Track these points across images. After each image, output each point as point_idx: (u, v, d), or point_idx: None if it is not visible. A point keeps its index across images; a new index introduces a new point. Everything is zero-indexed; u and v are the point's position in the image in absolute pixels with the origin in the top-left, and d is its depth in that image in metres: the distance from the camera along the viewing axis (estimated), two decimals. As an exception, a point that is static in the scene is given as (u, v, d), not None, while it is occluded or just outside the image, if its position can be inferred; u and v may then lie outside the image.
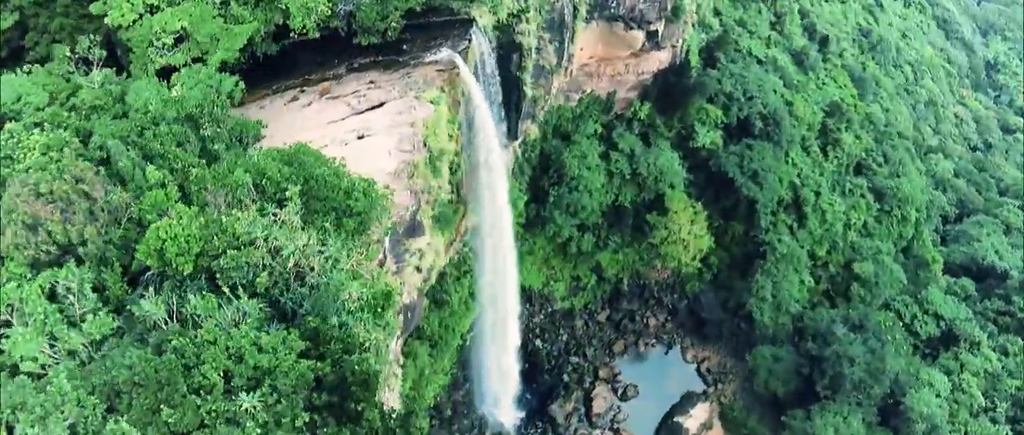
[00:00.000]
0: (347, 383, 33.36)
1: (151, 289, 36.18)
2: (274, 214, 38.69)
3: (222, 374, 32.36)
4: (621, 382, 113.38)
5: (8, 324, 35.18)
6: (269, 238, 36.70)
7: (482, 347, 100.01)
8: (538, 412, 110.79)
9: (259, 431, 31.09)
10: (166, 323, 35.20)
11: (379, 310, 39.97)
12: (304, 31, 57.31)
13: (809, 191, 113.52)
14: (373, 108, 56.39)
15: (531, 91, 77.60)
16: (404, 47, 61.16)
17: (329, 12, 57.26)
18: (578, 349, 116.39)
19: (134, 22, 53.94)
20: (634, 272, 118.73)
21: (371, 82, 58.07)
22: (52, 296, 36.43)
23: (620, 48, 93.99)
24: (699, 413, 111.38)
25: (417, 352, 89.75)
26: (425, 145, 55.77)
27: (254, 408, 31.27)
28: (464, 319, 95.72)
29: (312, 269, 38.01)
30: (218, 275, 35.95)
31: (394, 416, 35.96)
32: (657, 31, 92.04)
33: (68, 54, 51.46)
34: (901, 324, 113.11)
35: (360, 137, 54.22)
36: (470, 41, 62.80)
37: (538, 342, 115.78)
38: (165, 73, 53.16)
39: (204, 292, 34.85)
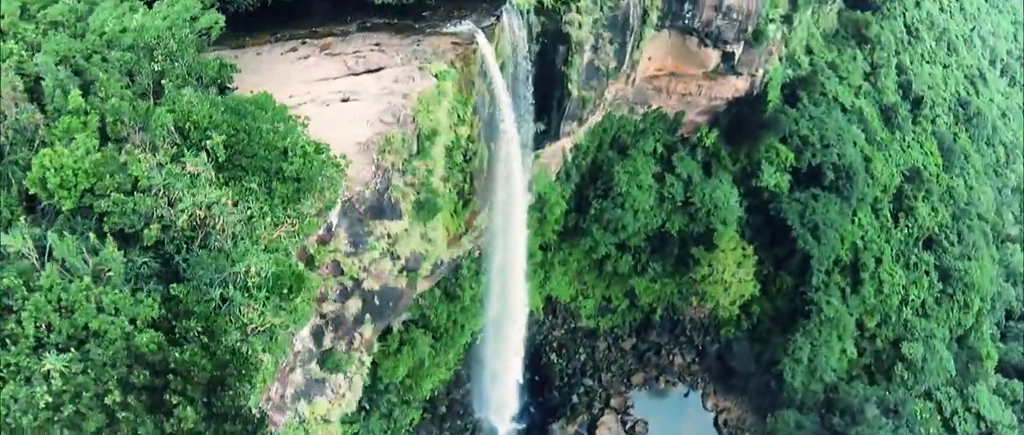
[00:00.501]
0: (169, 368, 28.28)
1: (23, 220, 31.73)
2: (186, 163, 33.88)
3: (44, 327, 27.82)
4: (632, 416, 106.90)
5: None
6: (170, 187, 31.93)
7: (486, 351, 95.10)
8: (538, 428, 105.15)
9: (49, 399, 26.60)
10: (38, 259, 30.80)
11: (285, 292, 34.95)
12: (321, -22, 53.01)
13: (870, 256, 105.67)
14: (369, 71, 51.59)
15: (578, 90, 71.52)
16: (425, 14, 56.01)
17: (346, -39, 52.89)
18: (594, 372, 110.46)
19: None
20: (669, 304, 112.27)
21: (377, 44, 53.08)
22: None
23: (692, 65, 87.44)
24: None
25: (417, 340, 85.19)
26: (413, 120, 50.62)
27: (58, 372, 26.69)
28: (477, 318, 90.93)
29: (222, 232, 33.15)
30: (105, 218, 31.45)
31: (239, 412, 30.51)
32: (734, 54, 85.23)
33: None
34: (939, 418, 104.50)
35: (344, 100, 49.45)
36: (499, 18, 57.38)
37: (553, 356, 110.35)
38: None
39: (64, 232, 30.26)
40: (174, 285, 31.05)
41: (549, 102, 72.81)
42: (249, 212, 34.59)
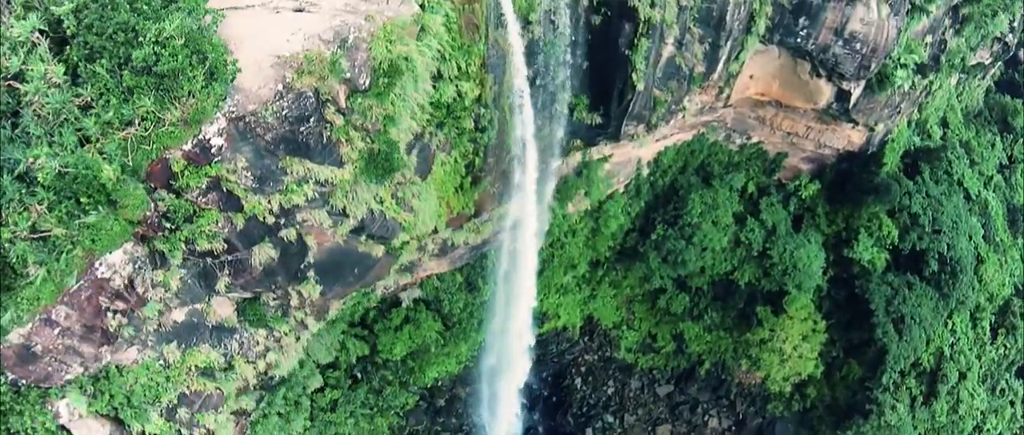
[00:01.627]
0: None
1: None
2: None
3: None
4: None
5: None
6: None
7: (486, 365, 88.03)
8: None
9: None
10: None
11: (83, 202, 26.79)
12: None
13: (954, 368, 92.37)
14: (345, -12, 43.37)
15: (644, 84, 60.41)
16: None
17: None
18: (619, 410, 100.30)
19: None
20: (720, 361, 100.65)
21: (368, -44, 44.51)
22: None
23: (800, 97, 75.47)
24: None
25: (422, 323, 77.55)
26: (368, 48, 41.13)
27: None
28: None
29: (38, 113, 25.53)
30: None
31: None
32: (850, 94, 72.82)
33: None
34: None
35: (298, 9, 41.37)
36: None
37: (579, 381, 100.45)
38: None
39: None
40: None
41: (608, 91, 62.45)
42: (85, 99, 27.61)
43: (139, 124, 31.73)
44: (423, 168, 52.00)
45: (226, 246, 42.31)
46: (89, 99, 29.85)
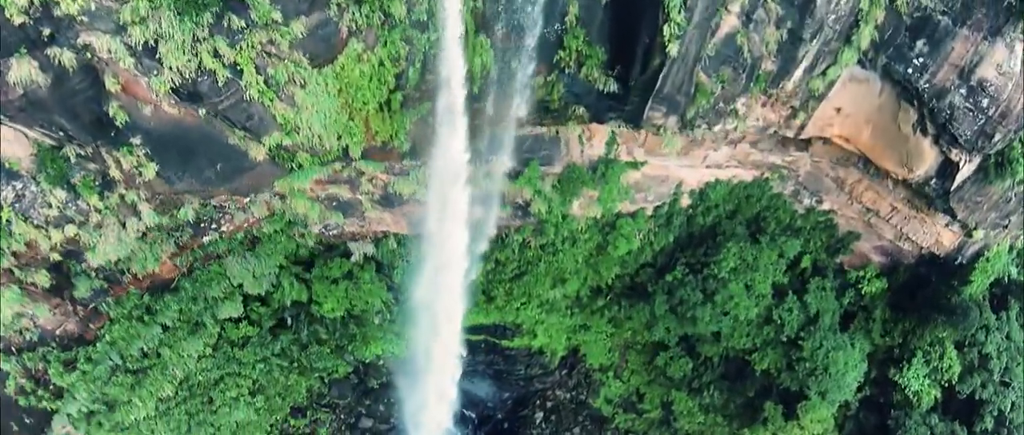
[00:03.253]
0: None
1: None
2: None
3: None
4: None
5: None
6: None
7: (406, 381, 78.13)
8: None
9: None
10: None
11: None
12: None
13: None
14: None
15: (681, 49, 43.89)
16: None
17: None
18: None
19: None
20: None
21: None
22: None
23: (893, 155, 58.00)
24: None
25: (364, 285, 66.12)
26: None
27: None
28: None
29: None
30: None
31: None
32: (957, 169, 55.14)
33: None
34: None
35: None
36: None
37: (539, 415, 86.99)
38: None
39: None
40: None
41: (631, 47, 46.58)
42: None
43: None
44: (319, 50, 39.00)
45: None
46: None
